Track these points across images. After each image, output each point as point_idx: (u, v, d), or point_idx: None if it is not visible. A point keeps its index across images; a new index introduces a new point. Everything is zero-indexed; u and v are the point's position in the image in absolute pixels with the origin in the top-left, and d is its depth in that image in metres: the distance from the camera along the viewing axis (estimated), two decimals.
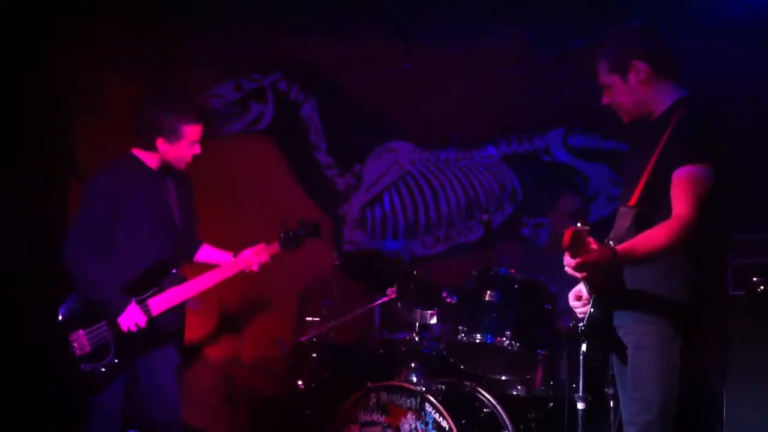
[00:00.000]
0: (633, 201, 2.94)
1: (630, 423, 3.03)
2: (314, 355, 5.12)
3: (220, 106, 6.23)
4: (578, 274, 2.80)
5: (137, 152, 4.05)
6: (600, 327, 3.01)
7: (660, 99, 3.10)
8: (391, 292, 4.85)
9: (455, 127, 5.92)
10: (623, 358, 3.05)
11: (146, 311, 3.92)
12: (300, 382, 5.13)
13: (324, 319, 5.18)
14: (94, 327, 3.90)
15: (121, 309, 3.86)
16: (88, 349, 3.87)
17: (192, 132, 3.97)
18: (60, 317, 3.91)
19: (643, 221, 2.89)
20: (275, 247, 4.30)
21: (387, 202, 6.08)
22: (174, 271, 4.06)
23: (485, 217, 5.37)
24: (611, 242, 2.86)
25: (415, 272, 5.03)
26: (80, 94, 5.93)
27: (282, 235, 4.33)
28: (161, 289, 3.99)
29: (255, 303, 5.90)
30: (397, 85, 6.01)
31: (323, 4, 5.87)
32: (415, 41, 5.95)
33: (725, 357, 3.03)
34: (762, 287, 4.16)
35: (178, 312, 4.09)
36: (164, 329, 4.01)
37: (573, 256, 2.69)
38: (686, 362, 2.90)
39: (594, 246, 2.69)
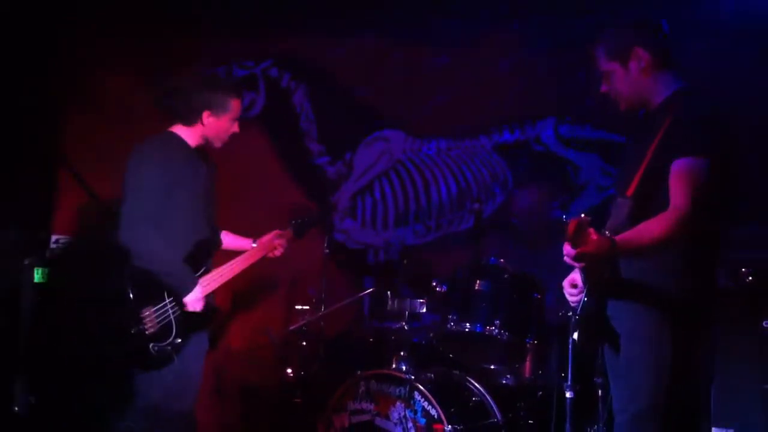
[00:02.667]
0: (630, 191, 2.95)
1: (620, 412, 3.05)
2: (304, 343, 5.12)
3: None
4: (577, 264, 2.81)
5: (177, 130, 4.00)
6: (593, 316, 3.03)
7: (659, 89, 3.11)
8: (381, 281, 4.87)
9: (447, 115, 5.91)
10: (615, 348, 3.06)
11: None
12: (289, 371, 5.13)
13: (313, 307, 5.18)
14: (161, 305, 3.75)
15: (189, 288, 3.80)
16: (156, 328, 3.70)
17: (237, 106, 4.03)
18: (129, 293, 3.68)
19: (640, 212, 2.89)
20: (289, 234, 4.45)
21: (378, 191, 6.07)
22: (215, 252, 4.07)
23: (476, 206, 5.38)
24: (607, 233, 2.86)
25: (405, 261, 5.04)
26: (72, 87, 5.94)
27: (293, 222, 4.50)
28: (207, 270, 3.96)
29: (244, 290, 5.89)
30: (388, 74, 5.99)
31: None
32: (407, 32, 5.93)
33: (713, 351, 3.06)
34: (750, 278, 4.18)
35: (212, 296, 4.02)
36: (208, 311, 3.93)
37: (574, 246, 2.70)
38: (678, 354, 2.92)
39: (594, 237, 2.70)
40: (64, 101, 5.93)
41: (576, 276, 3.15)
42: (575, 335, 3.13)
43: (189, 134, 3.99)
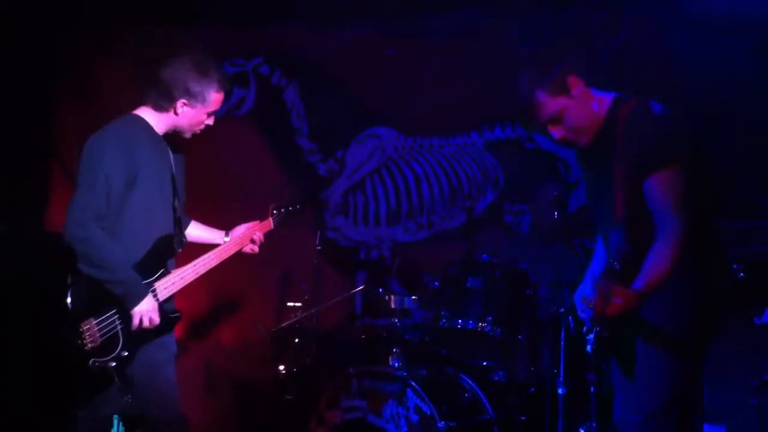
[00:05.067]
0: (618, 218, 2.94)
1: (633, 411, 3.02)
2: (296, 340, 5.11)
3: None
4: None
5: (144, 113, 3.62)
6: (608, 344, 3.02)
7: (600, 107, 3.06)
8: (373, 278, 4.86)
9: (438, 113, 5.91)
10: (630, 352, 3.05)
11: (155, 296, 3.50)
12: (282, 368, 5.11)
13: (306, 304, 5.17)
14: (105, 315, 3.39)
15: (139, 299, 3.41)
16: (98, 341, 3.36)
17: (216, 100, 3.65)
18: (69, 304, 3.34)
19: (634, 235, 2.90)
20: (268, 224, 4.12)
21: (369, 188, 6.06)
22: (179, 250, 3.69)
23: (467, 203, 5.37)
24: (617, 265, 2.79)
25: (397, 258, 5.03)
26: (65, 85, 5.95)
27: (275, 212, 4.17)
28: (167, 271, 3.58)
29: (235, 287, 5.88)
30: (380, 71, 5.99)
31: None
32: (399, 29, 5.93)
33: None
34: (741, 274, 4.19)
35: (171, 299, 3.65)
36: (167, 316, 3.55)
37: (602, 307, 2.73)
38: (695, 354, 2.98)
39: (621, 298, 2.73)
40: (57, 99, 5.93)
41: (586, 290, 3.16)
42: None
43: (157, 120, 3.62)
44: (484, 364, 4.71)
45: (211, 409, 5.74)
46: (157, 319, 3.47)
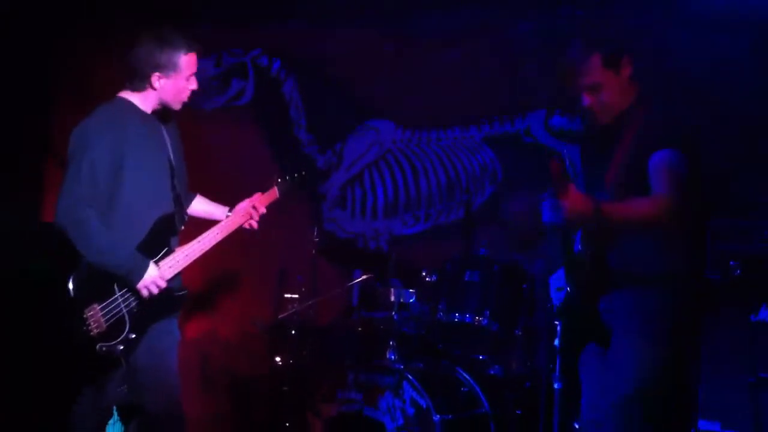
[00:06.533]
0: (608, 181, 2.96)
1: (611, 393, 3.05)
2: (293, 332, 5.12)
3: (200, 81, 6.17)
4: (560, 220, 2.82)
5: (128, 95, 3.65)
6: (577, 307, 3.04)
7: (631, 96, 3.12)
8: (370, 271, 4.87)
9: (438, 108, 5.90)
10: (605, 341, 3.07)
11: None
12: (278, 359, 5.13)
13: (303, 296, 5.18)
14: (109, 300, 3.43)
15: (139, 272, 3.42)
16: (104, 326, 3.40)
17: (189, 62, 3.65)
18: (71, 291, 3.38)
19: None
20: (274, 194, 4.11)
21: (368, 181, 6.06)
22: (182, 228, 3.71)
23: (465, 197, 5.36)
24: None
25: (394, 252, 5.04)
26: (63, 81, 5.93)
27: (279, 180, 4.17)
28: (170, 250, 3.61)
29: (232, 278, 5.88)
30: (380, 68, 5.98)
31: None
32: (398, 23, 5.93)
33: (699, 345, 3.11)
34: (738, 271, 4.20)
35: (179, 277, 3.67)
36: (172, 297, 3.59)
37: (558, 194, 2.71)
38: (672, 347, 2.97)
39: (574, 193, 2.74)
40: (56, 99, 5.93)
41: (561, 274, 3.18)
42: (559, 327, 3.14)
43: (142, 100, 3.64)
44: (481, 358, 4.72)
45: (207, 401, 5.75)
46: (163, 282, 3.49)
